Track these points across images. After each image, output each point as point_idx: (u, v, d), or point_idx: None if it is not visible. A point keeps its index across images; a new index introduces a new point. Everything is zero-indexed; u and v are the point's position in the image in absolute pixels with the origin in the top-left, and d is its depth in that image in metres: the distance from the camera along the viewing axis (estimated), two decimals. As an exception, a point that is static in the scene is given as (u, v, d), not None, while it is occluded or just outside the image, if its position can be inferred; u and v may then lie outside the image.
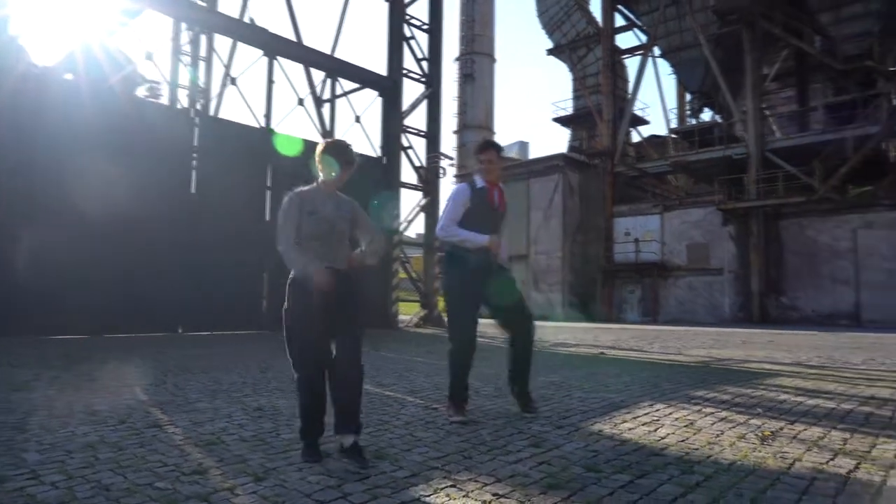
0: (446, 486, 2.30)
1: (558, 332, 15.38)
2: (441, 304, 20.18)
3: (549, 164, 29.07)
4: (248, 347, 8.75)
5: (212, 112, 16.96)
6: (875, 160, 23.45)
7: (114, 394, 4.38)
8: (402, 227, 16.29)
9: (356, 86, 15.48)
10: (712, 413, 3.75)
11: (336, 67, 14.92)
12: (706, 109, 31.37)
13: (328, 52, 14.99)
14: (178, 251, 11.46)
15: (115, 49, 13.30)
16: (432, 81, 17.10)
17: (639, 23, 31.73)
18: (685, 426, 3.37)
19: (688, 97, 33.60)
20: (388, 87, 15.74)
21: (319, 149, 2.91)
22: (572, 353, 8.72)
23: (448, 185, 38.49)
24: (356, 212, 2.98)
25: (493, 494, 2.21)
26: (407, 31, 16.40)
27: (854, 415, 3.76)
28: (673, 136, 31.42)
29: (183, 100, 17.14)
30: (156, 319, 11.06)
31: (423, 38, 17.11)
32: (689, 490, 2.25)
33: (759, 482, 2.35)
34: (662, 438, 3.07)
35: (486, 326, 4.04)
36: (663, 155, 29.68)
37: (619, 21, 31.56)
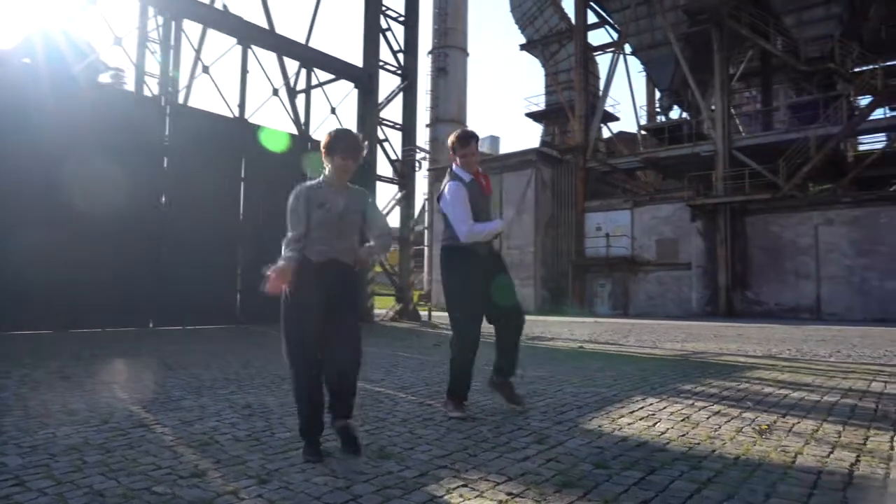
0: (458, 486, 2.25)
1: (533, 326, 15.47)
2: (416, 297, 20.08)
3: (522, 159, 29.17)
4: (224, 343, 8.54)
5: (182, 101, 16.49)
6: (834, 160, 24.25)
7: (91, 392, 4.19)
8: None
9: (331, 77, 15.23)
10: (705, 407, 3.79)
11: (311, 57, 14.65)
12: (675, 107, 31.91)
13: (303, 41, 14.69)
14: (148, 243, 11.13)
15: (77, 36, 12.80)
16: (408, 74, 16.95)
17: (610, 20, 32.06)
18: (682, 420, 3.39)
19: (657, 95, 34.13)
20: (364, 78, 15.54)
21: (323, 141, 2.83)
22: (552, 348, 8.77)
23: (422, 180, 38.34)
24: (368, 206, 2.91)
25: (508, 494, 2.17)
26: (383, 23, 16.20)
27: (840, 407, 3.84)
28: (643, 132, 31.90)
29: (153, 89, 16.62)
30: (125, 314, 10.72)
31: (399, 31, 16.95)
32: (702, 486, 2.24)
33: (767, 476, 2.37)
34: (663, 433, 3.08)
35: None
36: (633, 151, 30.12)
37: (592, 18, 31.83)
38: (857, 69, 24.56)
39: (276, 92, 13.85)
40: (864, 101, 25.56)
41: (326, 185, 2.82)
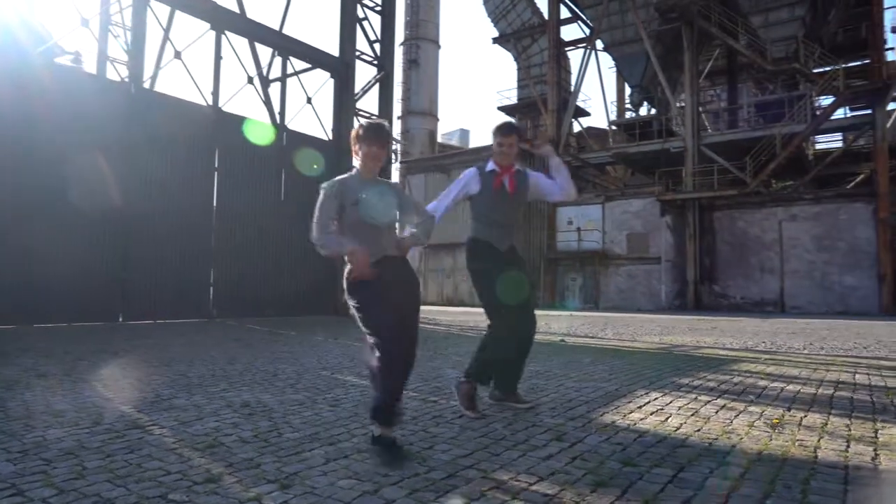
0: (490, 488, 2.17)
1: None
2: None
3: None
4: (201, 336, 8.26)
5: (152, 88, 15.85)
6: (797, 158, 24.99)
7: (73, 391, 3.97)
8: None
9: (307, 66, 14.90)
10: (710, 401, 3.80)
11: (286, 45, 14.28)
12: (645, 103, 32.38)
13: (277, 28, 14.29)
14: (116, 234, 10.71)
15: (35, 21, 12.20)
16: (385, 65, 16.71)
17: (583, 15, 32.27)
18: (692, 415, 3.38)
19: (628, 91, 34.57)
20: (341, 68, 15.25)
21: (352, 134, 2.76)
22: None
23: (394, 172, 38.03)
24: (401, 195, 2.82)
25: (544, 495, 2.10)
26: (360, 12, 15.91)
27: (838, 400, 3.91)
28: (613, 128, 32.29)
29: (121, 74, 15.96)
30: (92, 308, 10.30)
31: (375, 20, 16.67)
32: (738, 483, 2.22)
33: (796, 472, 2.36)
34: (678, 429, 3.06)
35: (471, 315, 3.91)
36: (604, 146, 30.47)
37: (565, 13, 31.99)
38: (817, 70, 25.33)
39: (251, 80, 13.48)
40: (825, 100, 26.44)
41: (358, 180, 2.73)
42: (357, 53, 15.83)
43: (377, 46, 16.57)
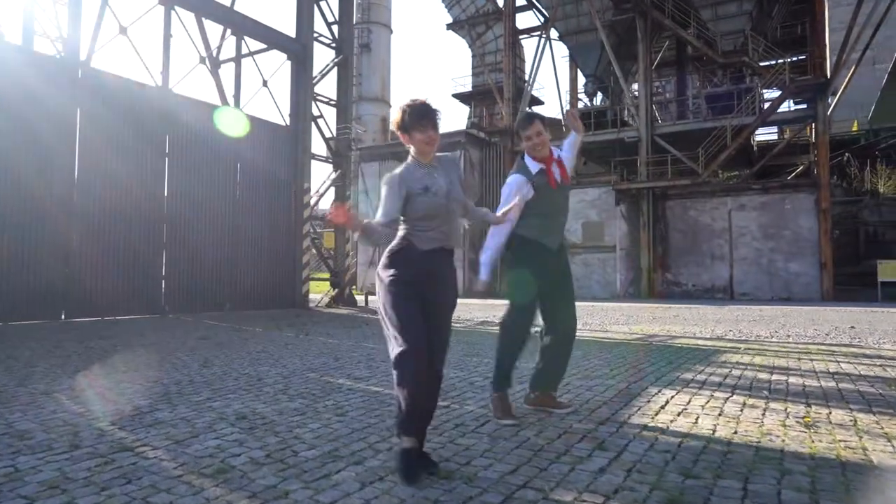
0: (558, 512, 1.95)
1: (470, 310, 15.39)
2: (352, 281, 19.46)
3: (450, 141, 28.92)
4: (161, 335, 7.70)
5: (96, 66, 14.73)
6: (744, 149, 25.88)
7: (34, 405, 3.51)
8: (312, 202, 15.35)
9: (263, 47, 14.19)
10: (727, 398, 3.71)
11: (240, 24, 13.54)
12: (599, 93, 32.80)
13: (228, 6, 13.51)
14: (57, 225, 9.90)
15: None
16: (343, 47, 16.14)
17: (538, 4, 32.27)
18: (719, 415, 3.27)
19: (582, 80, 34.92)
20: (298, 50, 14.61)
21: (397, 121, 2.49)
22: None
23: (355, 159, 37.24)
24: (459, 169, 2.62)
25: (620, 519, 1.90)
26: (318, -9, 15.29)
27: (847, 393, 3.90)
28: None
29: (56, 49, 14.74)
30: (32, 305, 9.50)
31: (333, 1, 16.06)
32: (814, 494, 2.08)
33: (863, 479, 2.25)
34: (714, 431, 2.94)
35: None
36: (556, 135, 30.71)
37: (520, 0, 31.88)
38: (763, 63, 26.23)
39: (203, 60, 12.70)
40: (770, 94, 27.47)
41: (418, 167, 2.47)
42: (315, 35, 15.22)
43: (335, 28, 15.99)
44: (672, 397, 3.74)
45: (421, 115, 2.41)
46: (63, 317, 9.94)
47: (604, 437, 2.83)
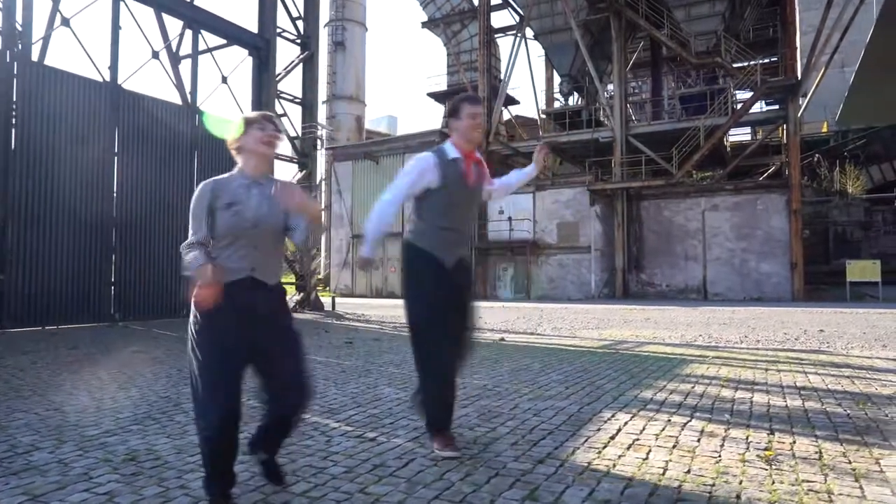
0: None
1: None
2: (319, 286, 18.94)
3: (425, 140, 28.54)
4: (95, 347, 7.17)
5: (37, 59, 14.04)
6: (717, 149, 25.93)
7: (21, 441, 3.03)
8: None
9: (222, 42, 13.64)
10: (685, 424, 3.39)
11: (197, 18, 12.96)
12: (575, 93, 32.68)
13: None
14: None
15: None
16: (309, 44, 15.65)
17: (513, 2, 32.05)
18: (673, 447, 2.94)
19: (557, 80, 34.79)
20: (260, 46, 14.09)
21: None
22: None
23: (320, 159, 36.74)
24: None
25: None
26: (280, -15, 14.78)
27: (813, 414, 3.61)
28: (543, 116, 32.40)
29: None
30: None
31: (298, -5, 15.56)
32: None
33: (828, 539, 1.92)
34: (665, 470, 2.59)
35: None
36: (533, 135, 30.52)
37: (495, -1, 31.63)
38: (736, 65, 26.31)
39: (156, 55, 12.12)
40: (743, 94, 27.57)
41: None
42: (278, 31, 14.70)
43: (300, 24, 15.49)
44: (626, 423, 3.40)
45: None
46: None
47: (539, 480, 2.46)
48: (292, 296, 15.79)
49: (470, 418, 3.54)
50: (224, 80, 13.51)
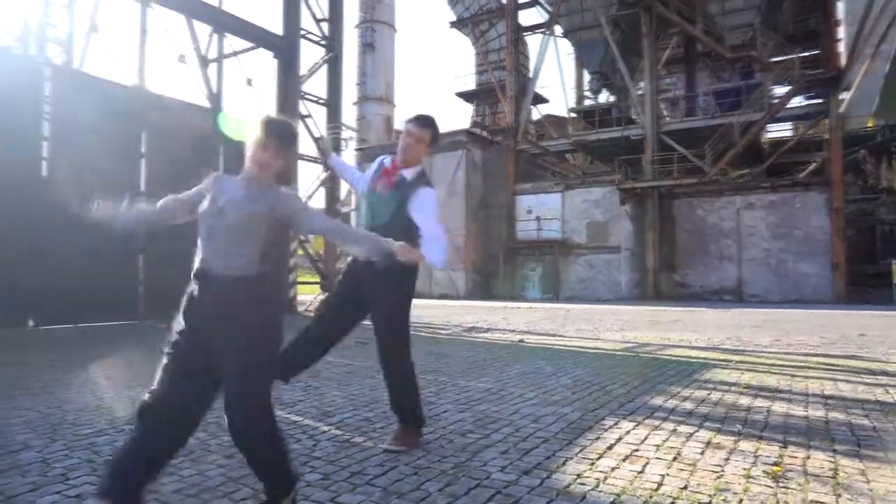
0: None
1: (465, 313, 14.93)
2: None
3: (452, 140, 28.44)
4: (138, 344, 7.29)
5: (75, 66, 14.49)
6: (753, 146, 25.10)
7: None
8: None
9: (248, 45, 13.80)
10: (691, 434, 3.19)
11: (224, 22, 13.14)
12: (604, 90, 32.14)
13: (215, 4, 13.14)
14: (23, 226, 9.54)
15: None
16: (333, 45, 15.71)
17: (541, 0, 31.70)
18: (674, 459, 2.75)
19: (587, 77, 34.28)
20: (285, 48, 14.19)
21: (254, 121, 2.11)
22: (490, 342, 8.13)
23: (351, 161, 36.90)
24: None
25: None
26: (305, -13, 14.86)
27: (835, 426, 3.37)
28: (572, 115, 31.95)
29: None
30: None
31: (323, -2, 15.64)
32: None
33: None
34: (660, 485, 2.42)
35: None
36: (563, 134, 30.09)
37: (522, -3, 31.33)
38: (773, 59, 25.42)
39: (182, 58, 12.33)
40: (780, 89, 26.62)
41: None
42: (303, 32, 14.79)
43: (325, 26, 15.56)
44: (627, 432, 3.23)
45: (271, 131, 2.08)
46: (31, 324, 9.59)
47: (521, 493, 2.32)
48: (316, 295, 15.89)
49: (465, 424, 3.42)
50: (249, 82, 13.67)
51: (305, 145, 15.45)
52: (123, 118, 10.98)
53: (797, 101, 24.58)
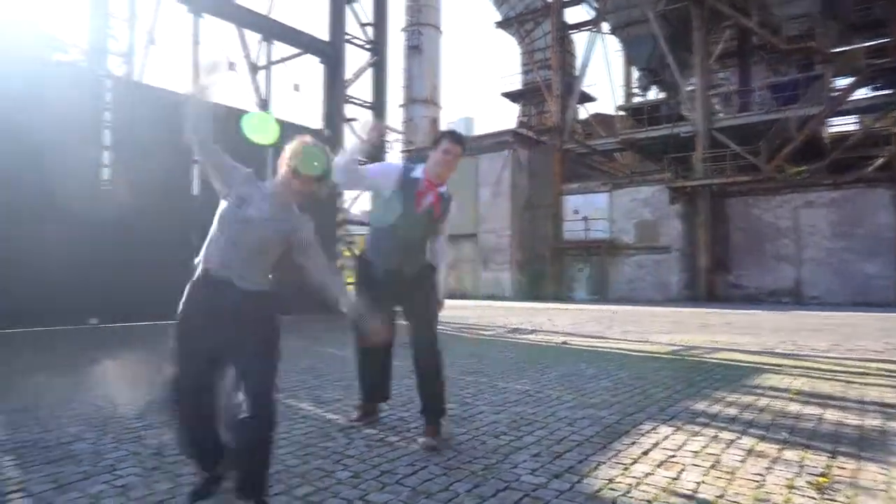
0: None
1: (510, 314, 14.84)
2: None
3: (498, 140, 28.38)
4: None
5: (136, 77, 15.21)
6: (812, 141, 23.96)
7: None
8: (346, 205, 15.21)
9: (296, 51, 14.16)
10: (732, 441, 3.08)
11: (273, 30, 13.53)
12: (653, 87, 31.37)
13: (264, 12, 13.56)
14: (86, 230, 10.07)
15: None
16: (378, 49, 15.92)
17: (588, -3, 31.21)
18: (711, 466, 2.67)
19: (635, 74, 33.54)
20: (331, 53, 14.48)
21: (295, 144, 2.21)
22: (533, 344, 8.06)
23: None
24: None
25: None
26: (349, -7, 15.12)
27: (892, 438, 3.18)
28: (621, 113, 31.31)
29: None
30: (61, 309, 9.67)
31: (367, 2, 15.87)
32: None
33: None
34: (694, 492, 2.35)
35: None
36: (611, 132, 29.52)
37: (568, -5, 30.92)
38: (834, 49, 24.20)
39: (232, 66, 12.77)
40: (841, 81, 25.31)
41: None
42: (348, 37, 15.06)
43: (369, 30, 15.79)
44: (665, 437, 3.15)
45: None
46: (95, 321, 10.11)
47: (549, 497, 2.30)
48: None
49: (499, 425, 3.41)
50: (296, 87, 14.02)
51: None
52: (178, 126, 11.42)
53: (862, 93, 23.33)
